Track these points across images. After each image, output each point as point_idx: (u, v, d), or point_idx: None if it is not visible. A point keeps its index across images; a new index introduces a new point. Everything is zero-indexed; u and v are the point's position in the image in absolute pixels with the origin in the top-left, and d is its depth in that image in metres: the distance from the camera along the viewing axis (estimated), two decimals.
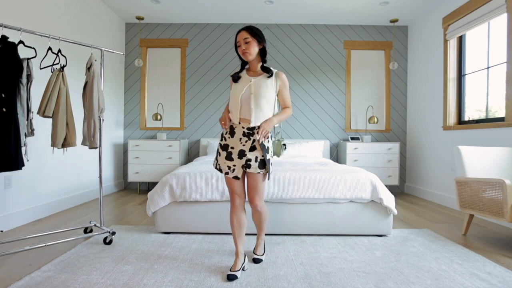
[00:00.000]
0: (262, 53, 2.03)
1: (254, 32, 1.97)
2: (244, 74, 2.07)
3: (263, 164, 1.97)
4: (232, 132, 2.01)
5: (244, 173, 2.02)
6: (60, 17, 3.61)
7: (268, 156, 1.97)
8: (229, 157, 2.00)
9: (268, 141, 2.01)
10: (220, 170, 2.03)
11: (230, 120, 2.04)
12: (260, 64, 2.05)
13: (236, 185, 2.01)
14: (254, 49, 1.97)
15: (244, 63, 2.11)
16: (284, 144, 2.10)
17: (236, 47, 2.02)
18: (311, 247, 2.48)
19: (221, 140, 2.06)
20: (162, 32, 5.23)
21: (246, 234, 2.76)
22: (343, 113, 5.22)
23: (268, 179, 2.07)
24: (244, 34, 1.96)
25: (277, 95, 2.05)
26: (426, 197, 4.60)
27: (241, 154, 1.97)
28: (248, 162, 1.96)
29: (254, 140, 1.96)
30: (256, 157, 1.96)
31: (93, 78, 2.49)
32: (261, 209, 2.06)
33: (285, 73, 5.15)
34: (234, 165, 1.98)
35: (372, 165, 4.75)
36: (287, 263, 2.15)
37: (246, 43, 1.95)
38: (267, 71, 2.02)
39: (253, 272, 2.01)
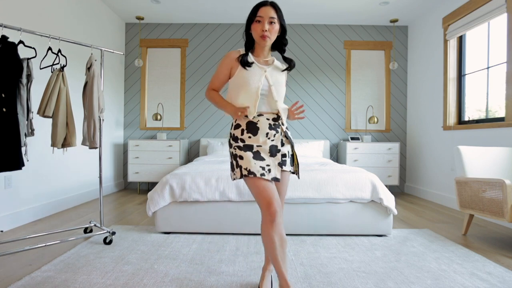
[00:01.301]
0: (280, 38, 1.64)
1: (280, 12, 1.57)
2: (254, 61, 1.64)
3: (292, 161, 1.66)
4: (252, 130, 1.58)
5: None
6: (60, 17, 3.61)
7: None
8: (257, 156, 1.55)
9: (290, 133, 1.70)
10: (248, 175, 1.52)
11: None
12: (268, 48, 1.65)
13: (275, 191, 1.53)
14: (276, 34, 1.58)
15: (249, 46, 1.65)
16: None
17: (250, 22, 1.58)
18: (311, 247, 2.47)
19: (237, 142, 1.60)
20: (162, 32, 5.23)
21: (247, 234, 2.77)
22: (343, 113, 5.22)
23: (299, 178, 1.83)
24: (271, 12, 1.53)
25: None
26: (426, 197, 4.60)
27: (274, 150, 1.58)
28: (283, 159, 1.60)
29: (281, 133, 1.64)
30: (288, 152, 1.63)
31: (93, 78, 2.49)
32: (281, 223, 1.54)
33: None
34: (268, 165, 1.55)
35: (372, 165, 4.75)
36: (287, 263, 2.14)
37: (271, 23, 1.54)
38: (289, 63, 1.66)
39: (253, 272, 2.01)
